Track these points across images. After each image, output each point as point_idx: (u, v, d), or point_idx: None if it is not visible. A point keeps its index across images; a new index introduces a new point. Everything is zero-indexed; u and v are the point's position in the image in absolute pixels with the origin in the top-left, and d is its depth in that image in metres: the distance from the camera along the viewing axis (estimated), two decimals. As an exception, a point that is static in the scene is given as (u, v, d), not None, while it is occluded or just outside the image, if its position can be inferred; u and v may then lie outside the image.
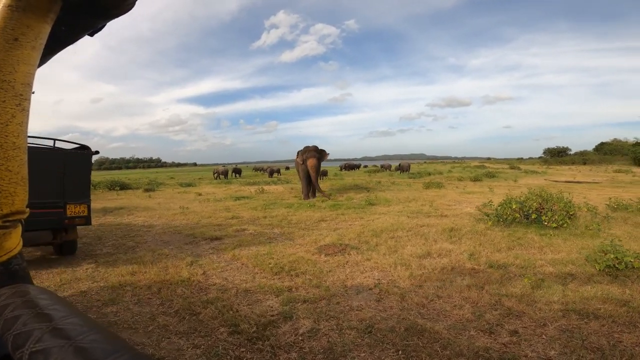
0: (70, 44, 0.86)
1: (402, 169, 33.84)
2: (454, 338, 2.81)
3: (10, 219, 0.66)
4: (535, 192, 8.31)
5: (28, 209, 0.69)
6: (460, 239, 6.26)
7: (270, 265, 4.72)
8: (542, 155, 65.29)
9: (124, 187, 18.75)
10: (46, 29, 0.67)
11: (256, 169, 46.25)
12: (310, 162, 13.45)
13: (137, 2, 0.73)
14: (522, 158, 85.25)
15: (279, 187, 18.41)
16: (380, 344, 2.75)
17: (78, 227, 5.39)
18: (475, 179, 23.29)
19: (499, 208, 7.98)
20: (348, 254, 5.42)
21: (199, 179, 30.47)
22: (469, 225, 7.49)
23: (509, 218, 7.63)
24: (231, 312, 3.27)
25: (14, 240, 0.68)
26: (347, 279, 4.29)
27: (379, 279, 4.25)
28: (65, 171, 5.03)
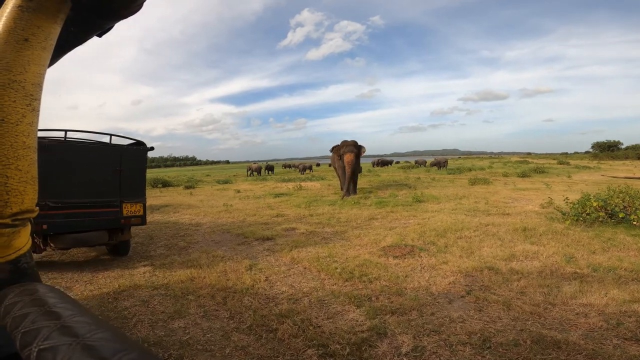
0: (79, 45, 0.87)
1: (438, 164, 32.43)
2: (598, 349, 2.47)
3: (19, 217, 0.66)
4: (618, 189, 7.36)
5: (37, 207, 0.71)
6: (539, 240, 5.65)
7: (337, 270, 4.23)
8: (590, 150, 60.59)
9: (165, 184, 19.11)
10: (56, 30, 0.66)
11: (285, 166, 46.19)
12: (347, 157, 12.42)
13: (145, 3, 0.73)
14: (567, 153, 79.90)
15: (316, 183, 18.00)
16: (509, 361, 2.34)
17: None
18: (523, 175, 21.68)
19: (576, 206, 7.12)
20: (418, 256, 4.92)
21: (234, 176, 30.80)
22: (543, 225, 6.78)
23: (590, 217, 6.75)
24: (312, 328, 2.81)
25: (23, 239, 0.70)
26: (430, 284, 3.84)
27: (468, 285, 3.80)
28: (122, 168, 4.78)
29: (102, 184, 4.65)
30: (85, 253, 5.48)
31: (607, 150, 52.49)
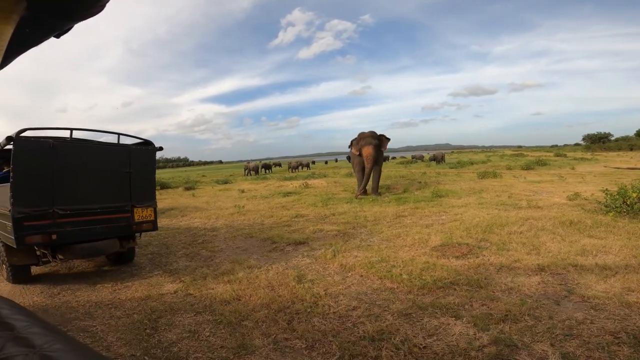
0: (34, 46, 0.87)
1: (436, 159, 32.19)
2: None
3: None
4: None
5: None
6: (595, 233, 5.32)
7: (402, 277, 3.65)
8: (580, 142, 61.22)
9: (164, 186, 18.13)
10: (8, 31, 0.65)
11: (274, 165, 44.71)
12: (366, 151, 10.67)
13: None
14: (556, 145, 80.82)
15: (321, 181, 17.36)
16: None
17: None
18: (527, 168, 21.50)
19: (617, 197, 6.79)
20: (482, 256, 4.49)
21: (231, 175, 29.80)
22: (587, 217, 6.47)
23: (633, 208, 6.40)
24: (418, 350, 2.28)
25: None
26: (518, 286, 3.41)
27: (562, 284, 3.42)
28: (131, 170, 4.36)
29: (112, 188, 4.24)
30: (83, 264, 4.82)
31: (598, 142, 53.06)
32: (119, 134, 4.49)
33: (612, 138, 54.18)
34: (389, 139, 11.42)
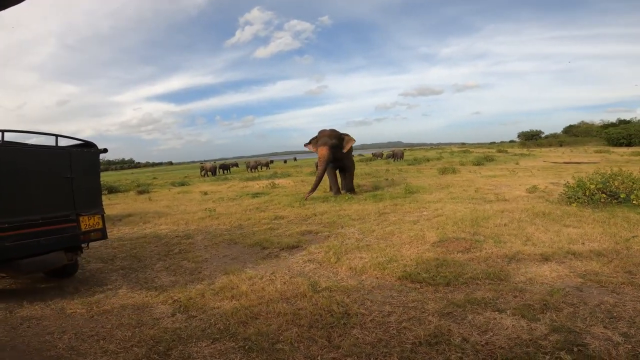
0: None
1: (395, 156, 33.30)
2: None
3: None
4: (612, 172, 7.74)
5: None
6: (570, 223, 5.70)
7: (421, 275, 3.54)
8: (515, 139, 67.46)
9: (112, 190, 16.34)
10: None
11: (232, 165, 41.63)
12: (320, 152, 10.05)
13: None
14: (494, 142, 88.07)
15: (288, 180, 16.91)
16: None
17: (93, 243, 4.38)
18: (478, 163, 22.97)
19: (576, 189, 7.40)
20: (484, 249, 4.53)
21: (185, 177, 27.93)
22: (555, 208, 7.02)
23: (593, 198, 6.96)
24: (482, 347, 2.24)
25: None
26: (537, 276, 3.46)
27: (572, 272, 3.51)
28: (73, 175, 3.98)
29: (52, 196, 3.84)
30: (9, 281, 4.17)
31: (531, 139, 58.81)
32: (57, 136, 4.04)
33: (543, 135, 60.50)
34: (353, 140, 10.70)
